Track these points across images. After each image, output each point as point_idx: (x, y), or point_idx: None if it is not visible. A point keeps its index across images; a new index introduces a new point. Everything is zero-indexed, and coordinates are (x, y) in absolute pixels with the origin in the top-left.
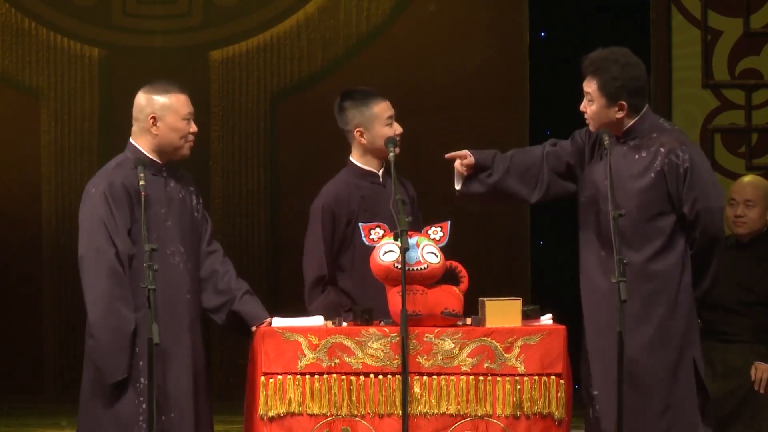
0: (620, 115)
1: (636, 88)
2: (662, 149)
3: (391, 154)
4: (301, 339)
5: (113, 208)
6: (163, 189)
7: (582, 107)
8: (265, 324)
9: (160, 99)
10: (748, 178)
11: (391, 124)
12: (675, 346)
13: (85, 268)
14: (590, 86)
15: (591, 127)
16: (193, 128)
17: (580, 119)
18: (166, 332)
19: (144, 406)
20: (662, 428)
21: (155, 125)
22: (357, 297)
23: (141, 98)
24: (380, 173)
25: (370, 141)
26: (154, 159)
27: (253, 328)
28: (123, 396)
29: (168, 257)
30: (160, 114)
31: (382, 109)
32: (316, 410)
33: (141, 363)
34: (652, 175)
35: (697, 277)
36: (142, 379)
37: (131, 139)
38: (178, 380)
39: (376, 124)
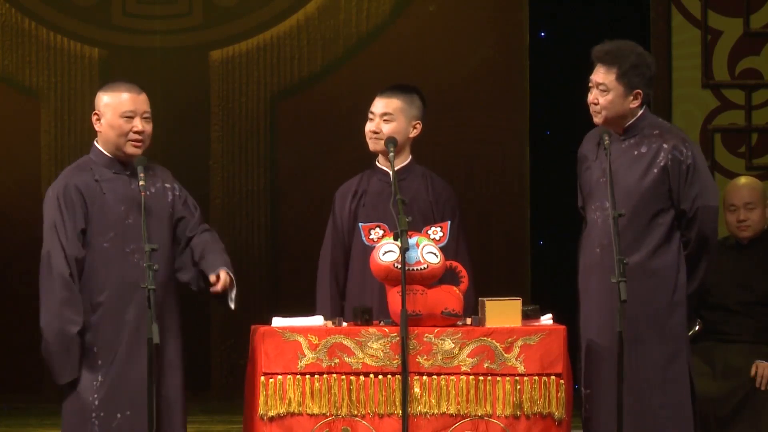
0: (634, 104)
1: (651, 77)
2: (665, 145)
3: (391, 154)
4: (301, 339)
5: (64, 211)
6: (125, 187)
7: (592, 99)
8: (221, 273)
9: (104, 96)
10: (742, 181)
11: (371, 119)
12: (671, 345)
13: (40, 271)
14: (606, 76)
15: (598, 120)
16: (137, 127)
17: (579, 119)
18: (128, 331)
19: (96, 403)
20: (657, 427)
21: (99, 122)
22: (354, 294)
23: (96, 97)
24: (393, 170)
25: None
26: (114, 158)
27: (212, 277)
28: (79, 392)
29: (127, 255)
30: (102, 111)
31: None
32: (316, 410)
33: (99, 362)
34: (656, 171)
35: (687, 277)
36: (99, 377)
37: (95, 140)
38: (135, 379)
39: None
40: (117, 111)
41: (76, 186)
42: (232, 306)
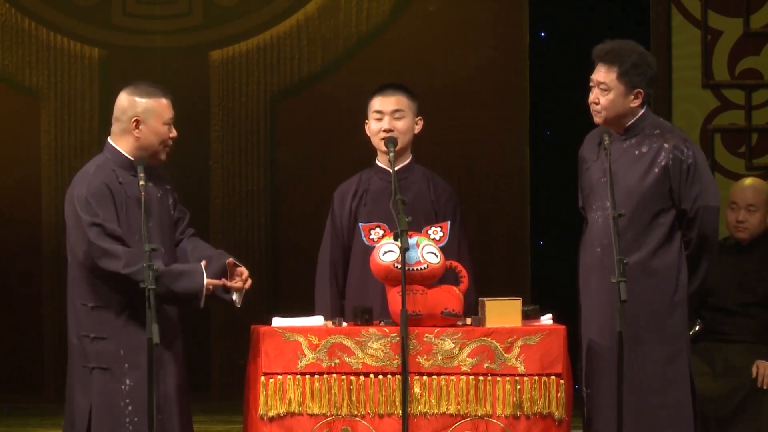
0: (635, 104)
1: (652, 77)
2: (666, 144)
3: (391, 154)
4: (301, 339)
5: (98, 210)
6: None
7: (593, 98)
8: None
9: (144, 102)
10: (748, 182)
11: (379, 119)
12: (671, 345)
13: (97, 266)
14: (607, 75)
15: (599, 119)
16: (173, 134)
17: (579, 119)
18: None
19: (131, 408)
20: (657, 427)
21: (137, 128)
22: (354, 294)
23: (124, 99)
24: (393, 170)
25: (369, 135)
26: (132, 160)
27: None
28: (110, 397)
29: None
30: (143, 117)
31: (373, 103)
32: (316, 410)
33: (126, 365)
34: (656, 170)
35: (688, 277)
36: (127, 381)
37: (110, 140)
38: (164, 381)
39: (370, 117)
40: (161, 118)
41: (106, 184)
42: (239, 303)
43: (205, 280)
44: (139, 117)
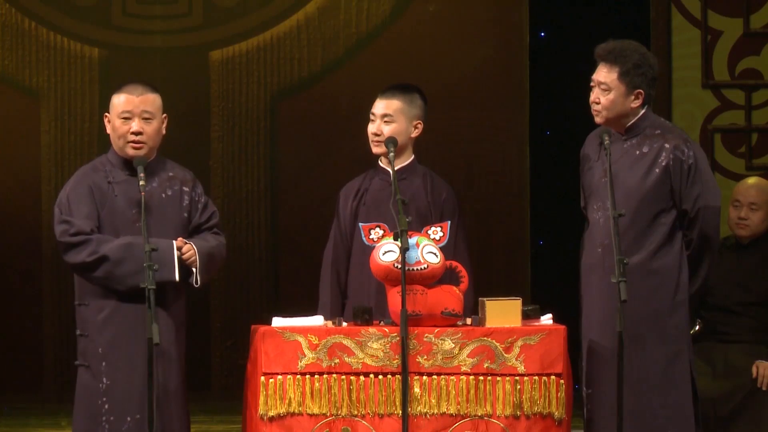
0: (635, 104)
1: (653, 78)
2: (667, 145)
3: (391, 154)
4: (301, 339)
5: (74, 209)
6: (137, 190)
7: (593, 98)
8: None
9: (113, 98)
10: (753, 180)
11: (373, 121)
12: (672, 345)
13: (67, 257)
14: (608, 75)
15: (599, 119)
16: (133, 128)
17: (579, 120)
18: (135, 334)
19: (107, 406)
20: (657, 427)
21: (108, 123)
22: (354, 294)
23: None
24: (393, 170)
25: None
26: (127, 160)
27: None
28: (89, 396)
29: None
30: (109, 112)
31: (373, 104)
32: (316, 410)
33: (104, 364)
34: (657, 171)
35: (689, 278)
36: (104, 379)
37: None
38: (143, 382)
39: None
40: (116, 112)
41: (89, 186)
42: (196, 284)
43: (175, 252)
44: (108, 113)
